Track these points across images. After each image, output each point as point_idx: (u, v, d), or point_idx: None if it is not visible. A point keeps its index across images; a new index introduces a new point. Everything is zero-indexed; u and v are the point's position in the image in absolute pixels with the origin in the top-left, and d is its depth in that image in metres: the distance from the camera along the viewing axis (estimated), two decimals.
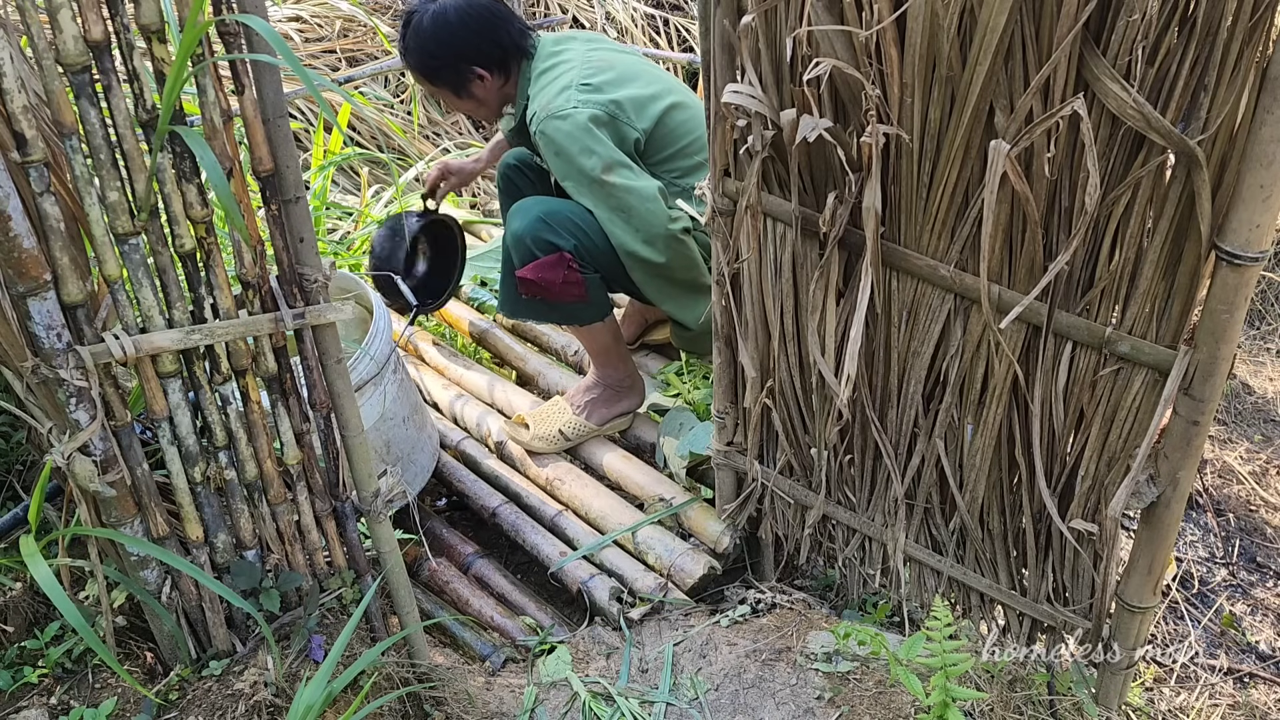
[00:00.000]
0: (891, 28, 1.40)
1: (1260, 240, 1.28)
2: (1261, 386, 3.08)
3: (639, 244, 2.35)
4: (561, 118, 2.30)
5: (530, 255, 2.35)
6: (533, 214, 2.36)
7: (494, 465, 2.64)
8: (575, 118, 2.30)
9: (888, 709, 1.84)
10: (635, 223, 2.34)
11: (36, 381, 1.36)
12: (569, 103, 2.31)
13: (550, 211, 2.36)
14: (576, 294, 2.40)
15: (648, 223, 2.33)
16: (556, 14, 5.03)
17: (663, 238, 2.35)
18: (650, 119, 2.40)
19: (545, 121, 2.32)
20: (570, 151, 2.31)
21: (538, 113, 2.35)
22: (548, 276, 2.36)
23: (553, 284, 2.37)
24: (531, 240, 2.34)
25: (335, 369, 1.56)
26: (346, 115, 4.11)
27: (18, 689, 1.64)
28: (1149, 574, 1.63)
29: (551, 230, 2.34)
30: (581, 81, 2.35)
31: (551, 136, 2.31)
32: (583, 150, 2.30)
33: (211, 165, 1.30)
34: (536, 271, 2.35)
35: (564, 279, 2.36)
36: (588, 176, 2.31)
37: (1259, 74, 1.20)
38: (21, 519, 1.71)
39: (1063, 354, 1.55)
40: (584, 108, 2.31)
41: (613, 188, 2.31)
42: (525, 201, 2.43)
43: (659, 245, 2.36)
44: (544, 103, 2.35)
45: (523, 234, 2.35)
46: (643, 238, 2.35)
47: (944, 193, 1.52)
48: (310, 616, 1.70)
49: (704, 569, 2.24)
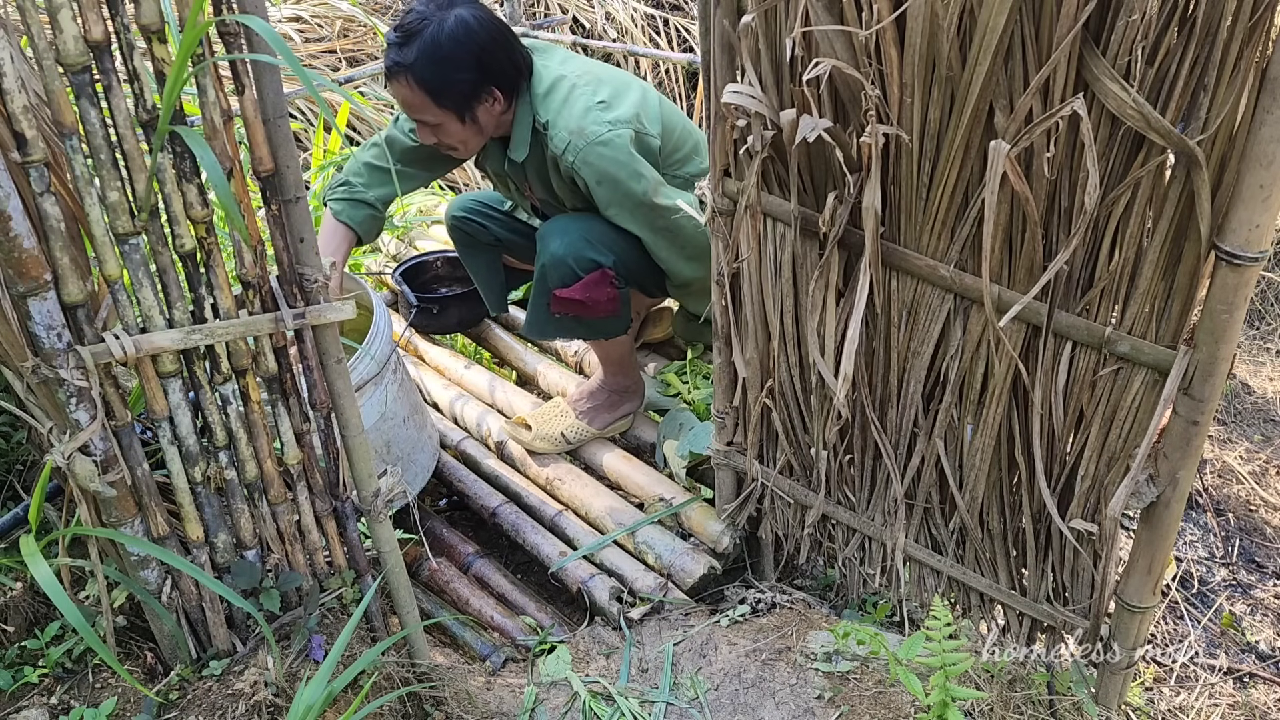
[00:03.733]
0: (891, 28, 1.40)
1: (1260, 240, 1.28)
2: (1261, 386, 3.08)
3: (685, 262, 2.34)
4: (604, 144, 2.20)
5: (573, 275, 2.29)
6: (573, 233, 2.30)
7: (494, 465, 2.64)
8: (617, 142, 2.20)
9: (888, 709, 1.84)
10: (682, 240, 2.31)
11: (37, 381, 1.36)
12: (601, 126, 2.21)
13: (589, 229, 2.30)
14: (612, 309, 2.37)
15: (693, 239, 2.32)
16: (556, 14, 5.03)
17: (704, 249, 2.27)
18: (657, 122, 2.36)
19: (586, 149, 2.20)
20: (619, 177, 2.22)
21: (572, 141, 2.21)
22: (594, 295, 2.30)
23: (597, 301, 2.31)
24: (574, 260, 2.28)
25: (335, 369, 1.56)
26: (345, 115, 4.11)
27: (18, 689, 1.64)
28: (1149, 574, 1.63)
29: (592, 248, 2.29)
30: (597, 101, 2.25)
31: (596, 165, 2.21)
32: (632, 175, 2.22)
33: (211, 165, 1.30)
34: (583, 291, 2.30)
35: (607, 296, 2.32)
36: (637, 200, 2.25)
37: (1259, 74, 1.20)
38: (22, 519, 1.71)
39: (1062, 354, 1.55)
40: (618, 128, 2.21)
41: (661, 210, 2.26)
42: (557, 221, 2.36)
43: (704, 259, 2.27)
44: (573, 128, 2.21)
45: (564, 255, 2.28)
46: (688, 254, 2.33)
47: (944, 193, 1.52)
48: (310, 616, 1.70)
49: (704, 569, 2.24)
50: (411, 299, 2.95)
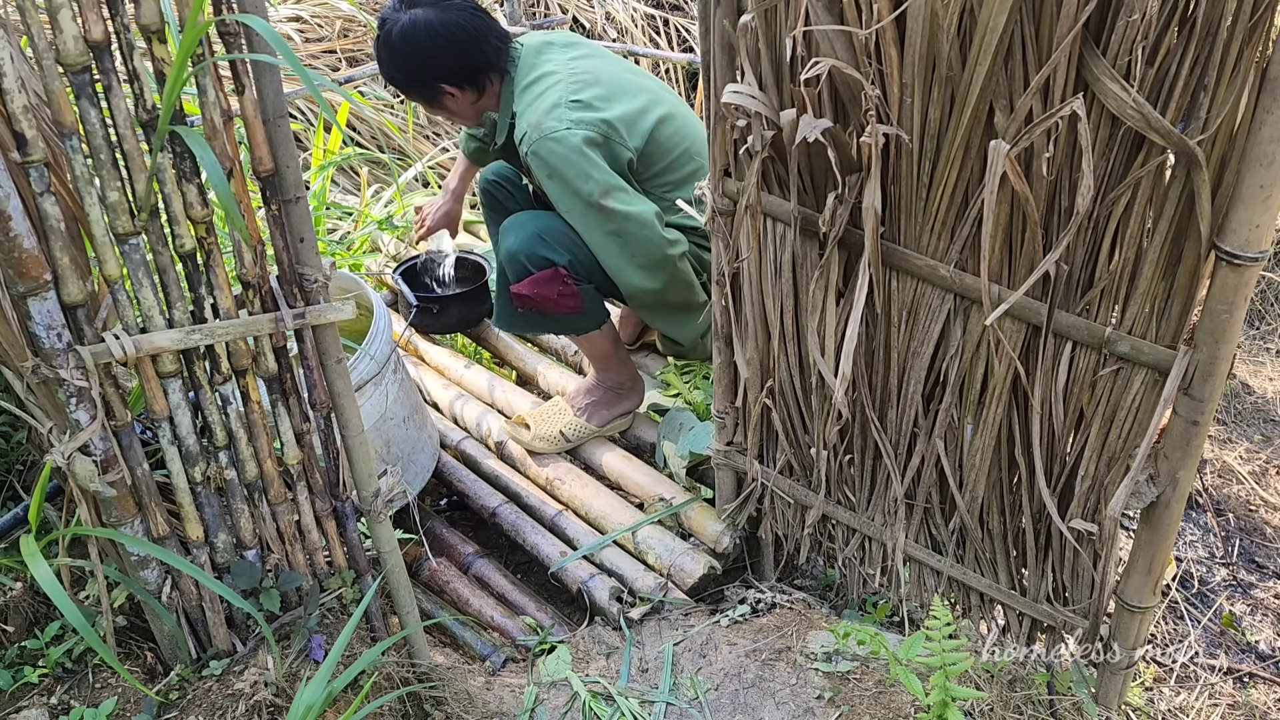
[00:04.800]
0: (891, 27, 1.40)
1: (1260, 240, 1.28)
2: (1261, 386, 3.08)
3: (634, 270, 2.31)
4: (555, 140, 2.22)
5: (525, 271, 2.33)
6: (527, 230, 2.33)
7: (494, 465, 2.64)
8: (569, 140, 2.21)
9: (887, 709, 1.84)
10: (631, 248, 2.29)
11: (37, 381, 1.36)
12: (561, 123, 2.23)
13: (545, 227, 2.33)
14: (572, 306, 2.38)
15: (644, 249, 2.29)
16: (556, 14, 5.03)
17: (659, 262, 2.30)
18: (642, 136, 2.34)
19: (538, 143, 2.24)
20: (565, 175, 2.23)
21: (528, 132, 2.26)
22: (543, 292, 2.33)
23: (548, 298, 2.34)
24: (526, 257, 2.32)
25: (335, 369, 1.56)
26: (345, 115, 4.11)
27: (18, 689, 1.64)
28: (1149, 574, 1.63)
29: (546, 245, 2.31)
30: (571, 98, 2.27)
31: (545, 159, 2.24)
32: (579, 174, 2.23)
33: (211, 165, 1.30)
34: (532, 287, 2.33)
35: (559, 293, 2.34)
36: (584, 201, 2.25)
37: (1259, 74, 1.20)
38: (22, 519, 1.71)
39: (1062, 354, 1.55)
40: (576, 128, 2.23)
41: (610, 213, 2.25)
42: (518, 217, 2.39)
43: (656, 271, 2.31)
44: (534, 121, 2.26)
45: (517, 251, 2.32)
46: (638, 263, 2.30)
47: (944, 193, 1.52)
48: (310, 616, 1.70)
49: (704, 569, 2.24)
50: (411, 299, 2.95)
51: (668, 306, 2.44)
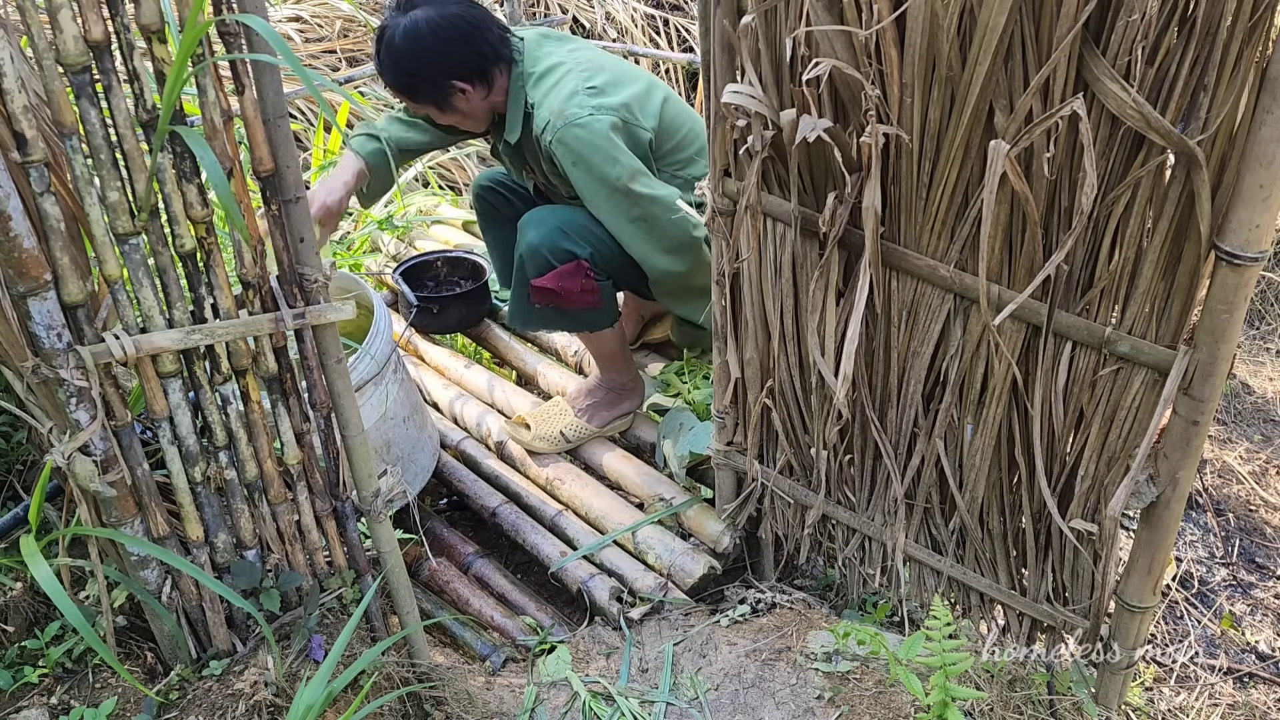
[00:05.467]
0: (891, 28, 1.40)
1: (1260, 240, 1.28)
2: (1261, 386, 3.08)
3: (661, 254, 2.32)
4: (581, 126, 2.22)
5: (547, 264, 2.32)
6: (548, 224, 2.32)
7: (494, 465, 2.64)
8: (595, 125, 2.22)
9: (887, 709, 1.84)
10: (658, 233, 2.30)
11: (37, 381, 1.36)
12: (584, 109, 2.23)
13: (566, 220, 2.33)
14: (591, 300, 2.38)
15: (670, 232, 2.30)
16: (556, 14, 5.03)
17: (686, 245, 2.31)
18: (654, 117, 2.36)
19: (563, 130, 2.24)
20: (593, 160, 2.23)
21: (551, 121, 2.26)
22: (566, 285, 2.32)
23: (570, 292, 2.33)
24: (549, 250, 2.31)
25: (335, 369, 1.56)
26: (345, 115, 4.11)
27: (18, 689, 1.64)
28: (1149, 574, 1.63)
29: (568, 238, 2.31)
30: (587, 85, 2.28)
31: (571, 146, 2.23)
32: (607, 159, 2.23)
33: (211, 165, 1.30)
34: (556, 280, 2.32)
35: (582, 286, 2.34)
36: (610, 186, 2.25)
37: (1259, 74, 1.20)
38: (22, 519, 1.71)
39: (1062, 354, 1.55)
40: (600, 113, 2.24)
41: (637, 197, 2.25)
42: (537, 212, 2.38)
43: (683, 254, 2.32)
44: (556, 109, 2.26)
45: (539, 244, 2.31)
46: (665, 247, 2.32)
47: (944, 193, 1.52)
48: (310, 616, 1.70)
49: (704, 569, 2.24)
50: (411, 299, 2.95)
51: (692, 290, 2.44)
